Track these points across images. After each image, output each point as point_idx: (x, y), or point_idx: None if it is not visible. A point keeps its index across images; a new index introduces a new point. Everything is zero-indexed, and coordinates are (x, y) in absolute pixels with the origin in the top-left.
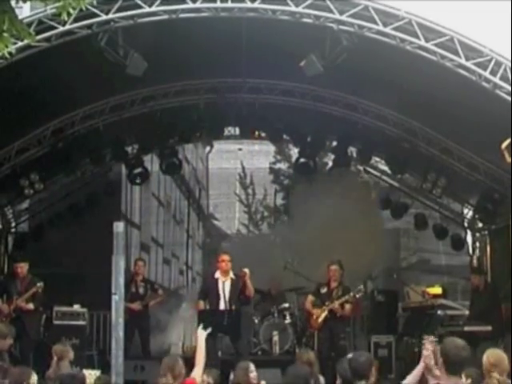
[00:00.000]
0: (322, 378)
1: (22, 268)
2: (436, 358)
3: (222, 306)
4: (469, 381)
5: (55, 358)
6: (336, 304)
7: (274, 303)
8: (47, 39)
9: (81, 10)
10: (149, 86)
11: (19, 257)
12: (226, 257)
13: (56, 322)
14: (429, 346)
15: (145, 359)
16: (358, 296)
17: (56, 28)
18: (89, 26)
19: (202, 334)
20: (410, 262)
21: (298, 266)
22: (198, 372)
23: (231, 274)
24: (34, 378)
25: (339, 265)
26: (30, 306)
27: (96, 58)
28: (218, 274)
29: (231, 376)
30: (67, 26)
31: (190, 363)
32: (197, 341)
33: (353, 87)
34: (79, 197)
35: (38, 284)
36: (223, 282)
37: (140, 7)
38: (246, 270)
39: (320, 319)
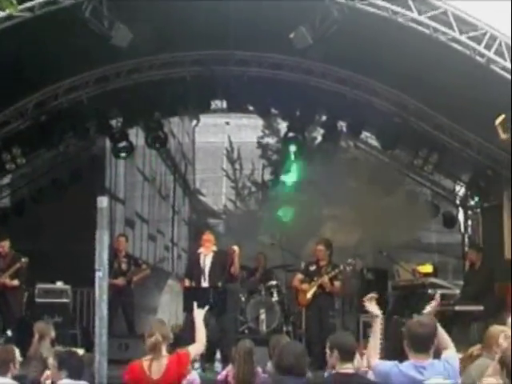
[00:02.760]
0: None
1: (3, 247)
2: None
3: (204, 281)
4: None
5: (36, 337)
6: (326, 278)
7: (261, 280)
8: (30, 9)
9: None
10: (134, 57)
11: (0, 234)
12: (209, 237)
13: (38, 300)
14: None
15: (129, 337)
16: (348, 269)
17: None
18: None
19: (199, 313)
20: (401, 240)
21: (285, 243)
22: (197, 347)
23: (213, 248)
24: (18, 354)
25: (326, 244)
26: (15, 282)
27: (80, 29)
28: (201, 249)
29: (217, 354)
30: None
31: (176, 341)
32: (195, 321)
33: (343, 60)
34: (62, 171)
35: (23, 259)
36: (205, 256)
37: None
38: (235, 248)
39: (309, 295)
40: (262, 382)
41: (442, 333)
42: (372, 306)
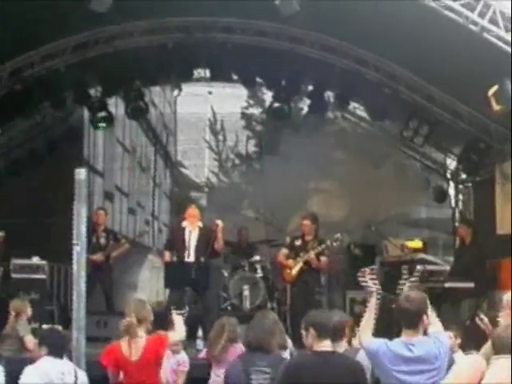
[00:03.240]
0: (289, 341)
1: None
2: None
3: (188, 257)
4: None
5: (12, 314)
6: (312, 254)
7: (244, 256)
8: None
9: None
10: (114, 23)
11: None
12: (194, 211)
13: (14, 276)
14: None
15: (108, 314)
16: (335, 244)
17: None
18: None
19: (179, 319)
20: (389, 215)
21: (270, 217)
22: (174, 336)
23: (199, 223)
24: None
25: (312, 218)
26: None
27: None
28: (185, 223)
29: (199, 331)
30: None
31: (158, 319)
32: (175, 323)
33: (331, 28)
34: (39, 142)
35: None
36: (190, 232)
37: None
38: (219, 222)
39: (294, 271)
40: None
41: (430, 310)
42: (367, 281)
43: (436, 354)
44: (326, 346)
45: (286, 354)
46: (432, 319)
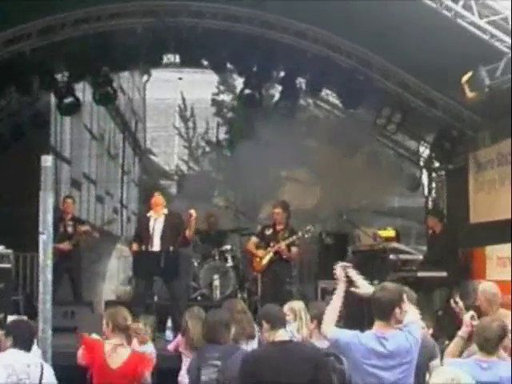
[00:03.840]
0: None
1: None
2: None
3: (153, 247)
4: (430, 330)
5: None
6: (282, 245)
7: (214, 244)
8: None
9: None
10: (81, 7)
11: None
12: (158, 199)
13: None
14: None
15: (75, 305)
16: (306, 236)
17: None
18: None
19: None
20: (361, 203)
21: (240, 206)
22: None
23: (164, 211)
24: None
25: (283, 207)
26: None
27: None
28: (150, 213)
29: (168, 322)
30: None
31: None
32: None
33: (303, 13)
34: (4, 128)
35: None
36: (155, 220)
37: None
38: (193, 212)
39: (264, 261)
40: None
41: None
42: (341, 276)
43: (407, 349)
44: (280, 335)
45: (255, 344)
46: (408, 308)
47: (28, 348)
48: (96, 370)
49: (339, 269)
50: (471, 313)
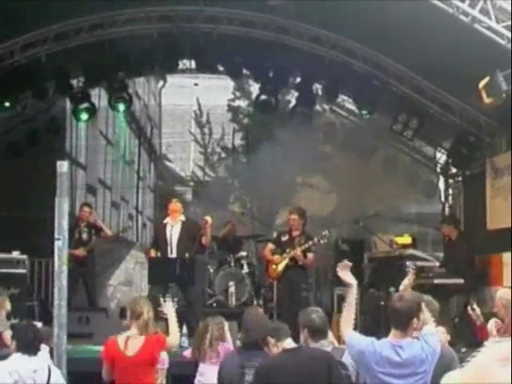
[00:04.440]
0: None
1: None
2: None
3: (171, 253)
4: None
5: None
6: (298, 251)
7: (230, 251)
8: None
9: None
10: (97, 12)
11: None
12: (175, 206)
13: None
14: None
15: (90, 310)
16: (322, 242)
17: None
18: None
19: (170, 307)
20: (378, 210)
21: (256, 212)
22: (173, 340)
23: (181, 217)
24: None
25: (299, 213)
26: None
27: None
28: (167, 219)
29: (184, 328)
30: None
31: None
32: (168, 314)
33: (319, 18)
34: (19, 134)
35: None
36: (172, 227)
37: None
38: (208, 218)
39: (280, 267)
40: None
41: (424, 309)
42: (346, 275)
43: (423, 359)
44: (288, 343)
45: None
46: (427, 319)
47: (33, 352)
48: (115, 363)
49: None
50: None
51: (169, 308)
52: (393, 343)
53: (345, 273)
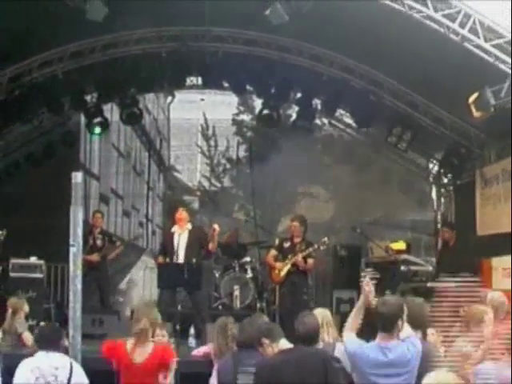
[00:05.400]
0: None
1: None
2: None
3: (177, 259)
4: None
5: (10, 311)
6: (299, 257)
7: (235, 257)
8: None
9: None
10: (110, 32)
11: None
12: (182, 214)
13: (12, 275)
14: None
15: (103, 313)
16: (322, 248)
17: None
18: None
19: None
20: (374, 217)
21: (260, 220)
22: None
23: (188, 226)
24: None
25: (300, 221)
26: None
27: (55, 3)
28: (174, 228)
29: (191, 330)
30: None
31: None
32: None
33: (319, 37)
34: (36, 146)
35: (0, 232)
36: (179, 235)
37: None
38: (216, 227)
39: (282, 273)
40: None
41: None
42: (368, 284)
43: (409, 359)
44: (283, 344)
45: None
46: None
47: (53, 349)
48: (122, 368)
49: (367, 279)
50: (490, 328)
51: None
52: (380, 345)
53: (369, 283)
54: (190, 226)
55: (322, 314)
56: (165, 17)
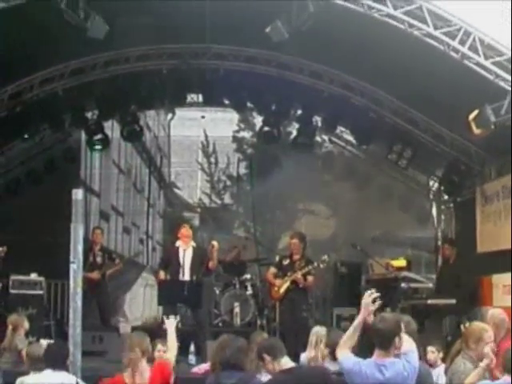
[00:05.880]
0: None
1: None
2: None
3: (183, 275)
4: (441, 355)
5: (10, 328)
6: (299, 274)
7: (235, 274)
8: (4, 0)
9: None
10: (110, 50)
11: None
12: (187, 231)
13: (12, 291)
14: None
15: (103, 330)
16: (322, 266)
17: None
18: None
19: (170, 324)
20: (374, 234)
21: (260, 237)
22: (170, 357)
23: (192, 243)
24: None
25: (300, 238)
26: None
27: (56, 21)
28: (178, 243)
29: (191, 347)
30: None
31: (149, 332)
32: (167, 330)
33: (319, 55)
34: (37, 163)
35: (0, 248)
36: (184, 251)
37: None
38: (215, 243)
39: (282, 290)
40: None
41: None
42: (368, 303)
43: (405, 377)
44: (285, 363)
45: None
46: (404, 338)
47: (60, 366)
48: None
49: (368, 298)
50: (491, 346)
51: (169, 324)
52: (377, 362)
53: (369, 302)
54: (193, 243)
55: (316, 333)
56: (165, 34)
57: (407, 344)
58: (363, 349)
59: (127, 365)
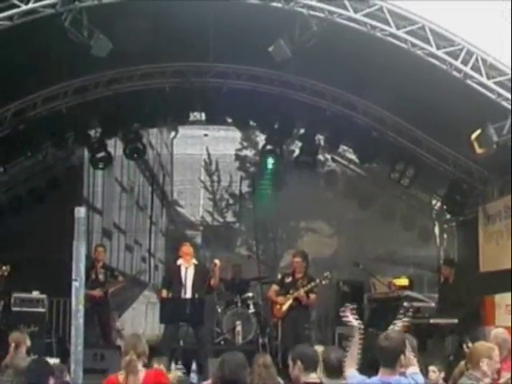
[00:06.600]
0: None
1: None
2: None
3: (185, 293)
4: (442, 374)
5: (12, 346)
6: (301, 292)
7: (237, 292)
8: (9, 18)
9: None
10: (113, 68)
11: None
12: (189, 249)
13: (14, 309)
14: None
15: (105, 348)
16: (324, 283)
17: (19, 6)
18: (52, 5)
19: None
20: (377, 253)
21: (262, 255)
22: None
23: (194, 261)
24: None
25: (302, 256)
26: None
27: (59, 39)
28: (180, 261)
29: (193, 365)
30: (30, 5)
31: (151, 351)
32: None
33: (321, 74)
34: (40, 180)
35: (4, 267)
36: (186, 269)
37: None
38: (217, 261)
39: (284, 307)
40: None
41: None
42: (349, 317)
43: None
44: (313, 378)
45: None
46: (411, 360)
47: None
48: None
49: (348, 313)
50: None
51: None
52: (382, 381)
53: (347, 315)
54: (195, 261)
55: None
56: (168, 52)
57: (415, 367)
58: (368, 367)
59: (122, 367)
